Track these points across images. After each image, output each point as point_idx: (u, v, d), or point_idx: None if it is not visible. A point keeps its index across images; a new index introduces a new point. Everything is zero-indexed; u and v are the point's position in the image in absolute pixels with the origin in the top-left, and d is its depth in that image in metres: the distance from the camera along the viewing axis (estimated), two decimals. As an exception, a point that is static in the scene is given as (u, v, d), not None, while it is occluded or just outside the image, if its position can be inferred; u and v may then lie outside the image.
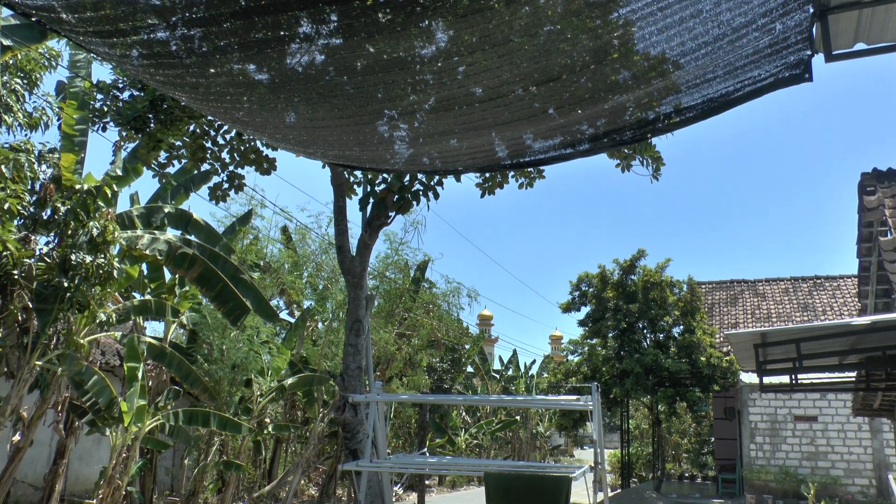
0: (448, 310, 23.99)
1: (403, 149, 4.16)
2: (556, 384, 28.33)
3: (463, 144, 4.10)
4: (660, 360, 24.45)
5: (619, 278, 28.69)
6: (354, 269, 8.63)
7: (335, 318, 19.46)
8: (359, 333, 8.51)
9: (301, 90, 3.57)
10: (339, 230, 8.89)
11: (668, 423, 33.74)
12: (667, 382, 25.61)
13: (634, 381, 24.87)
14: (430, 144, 4.11)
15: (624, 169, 7.84)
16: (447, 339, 25.76)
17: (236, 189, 8.54)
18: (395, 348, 20.41)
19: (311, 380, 16.47)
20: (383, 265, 21.67)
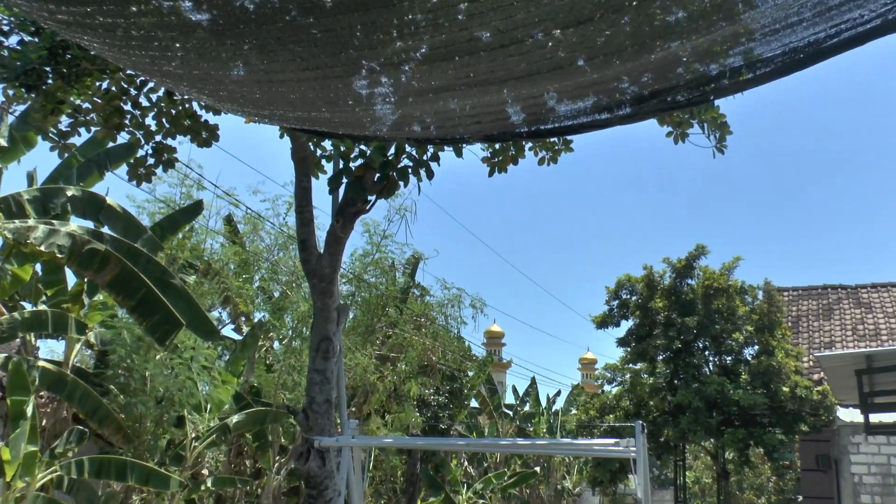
0: (446, 324, 24.10)
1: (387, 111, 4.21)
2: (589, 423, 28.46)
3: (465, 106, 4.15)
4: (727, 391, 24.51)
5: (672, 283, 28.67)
6: (322, 270, 8.69)
7: (296, 336, 19.57)
8: (327, 356, 8.57)
9: (253, 34, 3.61)
10: (301, 219, 8.94)
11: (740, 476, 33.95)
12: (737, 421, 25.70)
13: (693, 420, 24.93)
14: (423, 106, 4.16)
15: (678, 139, 7.89)
16: (444, 364, 25.85)
17: (165, 166, 8.59)
18: (375, 376, 20.54)
19: (265, 417, 16.56)
20: (361, 265, 21.80)
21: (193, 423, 16.00)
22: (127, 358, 14.74)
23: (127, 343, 14.58)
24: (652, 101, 3.71)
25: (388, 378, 21.53)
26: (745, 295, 26.94)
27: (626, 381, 27.51)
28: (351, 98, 4.09)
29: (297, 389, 18.72)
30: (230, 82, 4.18)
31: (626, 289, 28.45)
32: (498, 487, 31.86)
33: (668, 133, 7.90)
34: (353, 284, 21.90)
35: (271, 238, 20.54)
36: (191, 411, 15.62)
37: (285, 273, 20.38)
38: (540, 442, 7.26)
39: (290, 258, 20.29)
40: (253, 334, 18.42)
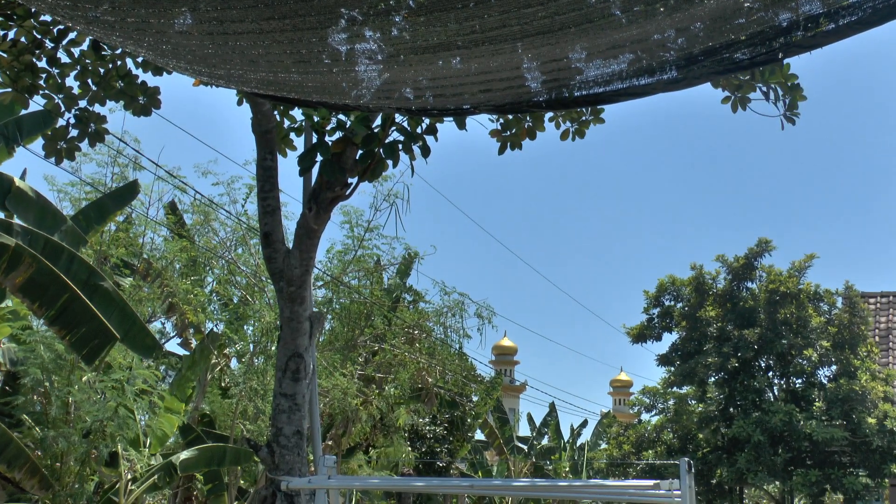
0: (445, 338, 24.11)
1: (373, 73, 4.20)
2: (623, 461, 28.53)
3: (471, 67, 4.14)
4: (796, 423, 24.55)
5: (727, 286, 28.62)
6: (291, 270, 8.70)
7: (259, 352, 19.63)
8: (298, 377, 8.58)
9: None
10: (265, 207, 8.95)
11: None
12: (808, 460, 25.78)
13: (753, 457, 24.95)
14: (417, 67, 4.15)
15: (737, 106, 7.88)
16: (443, 387, 25.91)
17: (91, 139, 8.58)
18: (358, 401, 20.60)
19: (220, 454, 16.61)
20: (340, 265, 21.85)
21: (129, 462, 16.03)
22: (44, 381, 14.73)
23: (44, 362, 14.57)
24: (705, 61, 3.69)
25: (373, 404, 21.57)
26: (821, 302, 27.01)
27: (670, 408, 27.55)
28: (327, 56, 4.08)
29: (259, 419, 18.74)
30: (174, 33, 4.17)
31: (669, 294, 28.47)
32: (510, 541, 32.00)
33: (725, 99, 7.89)
34: (330, 288, 21.93)
35: (227, 231, 20.57)
36: (126, 447, 15.66)
37: (245, 274, 20.39)
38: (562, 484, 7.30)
39: (252, 255, 20.30)
40: (204, 350, 18.44)
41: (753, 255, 27.72)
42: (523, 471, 36.52)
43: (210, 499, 18.52)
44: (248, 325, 19.75)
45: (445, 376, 25.67)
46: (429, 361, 23.90)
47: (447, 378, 25.90)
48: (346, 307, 21.99)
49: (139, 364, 15.19)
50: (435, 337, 24.32)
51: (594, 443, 42.68)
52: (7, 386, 15.40)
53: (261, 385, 18.44)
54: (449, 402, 27.53)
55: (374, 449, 24.18)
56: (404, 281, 25.06)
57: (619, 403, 73.35)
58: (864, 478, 24.84)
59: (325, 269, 21.80)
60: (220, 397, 19.91)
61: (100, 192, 17.71)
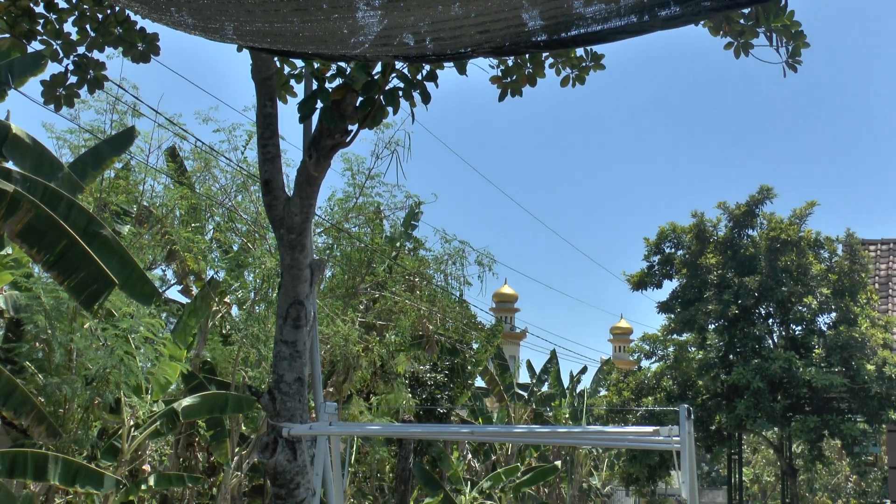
0: (445, 286, 24.25)
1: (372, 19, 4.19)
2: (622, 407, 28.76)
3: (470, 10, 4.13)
4: (795, 370, 24.67)
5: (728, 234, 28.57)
6: (291, 218, 8.72)
7: (260, 299, 19.77)
8: (298, 324, 8.65)
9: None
10: (265, 154, 8.94)
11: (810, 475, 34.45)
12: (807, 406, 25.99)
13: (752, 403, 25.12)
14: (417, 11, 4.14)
15: (739, 52, 7.84)
16: (443, 334, 26.08)
17: (90, 86, 8.55)
18: (359, 348, 20.78)
19: (221, 401, 16.79)
20: (340, 212, 21.89)
21: (132, 409, 16.20)
22: (46, 328, 14.83)
23: (45, 309, 14.65)
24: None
25: (373, 351, 21.74)
26: (821, 249, 27.04)
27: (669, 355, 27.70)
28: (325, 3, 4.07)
29: (261, 366, 18.92)
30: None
31: (670, 241, 28.47)
32: (509, 485, 32.14)
33: (727, 45, 7.85)
34: (331, 235, 22.01)
35: (227, 178, 20.57)
36: (129, 393, 15.80)
37: (245, 221, 20.43)
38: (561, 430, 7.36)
39: (252, 202, 20.32)
40: (205, 297, 18.55)
41: (754, 202, 27.71)
42: (523, 417, 36.89)
43: (212, 445, 18.74)
44: (248, 273, 19.84)
45: (446, 324, 25.83)
46: (429, 309, 24.04)
47: (448, 325, 26.07)
48: (346, 254, 22.09)
49: (142, 312, 15.26)
50: (435, 284, 24.46)
51: (594, 390, 43.04)
52: (10, 333, 15.51)
53: (262, 332, 18.57)
54: (449, 350, 27.70)
55: (375, 396, 24.40)
56: (406, 228, 25.13)
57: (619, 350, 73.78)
58: (862, 423, 25.07)
59: (325, 217, 21.85)
60: (222, 344, 20.07)
61: (99, 140, 17.67)
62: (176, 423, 16.28)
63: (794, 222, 27.14)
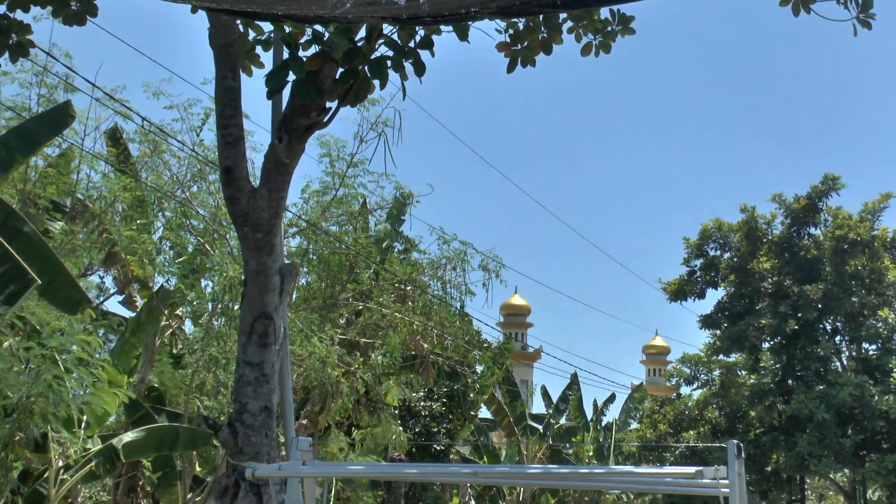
0: (444, 295, 24.20)
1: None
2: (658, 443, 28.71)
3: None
4: (869, 398, 24.63)
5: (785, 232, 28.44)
6: (258, 214, 8.80)
7: (220, 313, 19.77)
8: (266, 341, 8.72)
9: None
10: (225, 137, 9.00)
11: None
12: (884, 442, 25.90)
13: (816, 439, 25.06)
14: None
15: (799, 8, 7.72)
16: (442, 355, 26.05)
17: (13, 53, 8.55)
18: (339, 372, 20.74)
19: (171, 436, 16.80)
20: (317, 206, 21.91)
21: (61, 446, 16.14)
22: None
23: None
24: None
25: (357, 375, 21.74)
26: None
27: (715, 380, 27.69)
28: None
29: (219, 393, 18.95)
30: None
31: (714, 242, 28.46)
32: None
33: (784, 0, 7.73)
34: (306, 235, 22.03)
35: (180, 165, 20.60)
36: (58, 427, 15.73)
37: (202, 218, 20.46)
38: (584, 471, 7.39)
39: (210, 195, 20.34)
40: (152, 310, 18.58)
41: (817, 194, 27.76)
42: (538, 455, 36.87)
43: (160, 490, 18.70)
44: (205, 280, 19.90)
45: (444, 341, 25.76)
46: (424, 324, 24.00)
47: (446, 344, 25.99)
48: (324, 258, 22.10)
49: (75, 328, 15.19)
50: (431, 294, 24.45)
51: (623, 422, 42.88)
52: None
53: (221, 352, 18.55)
54: (448, 373, 27.71)
55: (358, 429, 24.40)
56: (395, 227, 25.17)
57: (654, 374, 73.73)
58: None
59: (299, 213, 21.89)
60: (172, 367, 20.03)
61: (23, 118, 17.67)
62: (115, 464, 16.27)
63: (865, 218, 27.19)
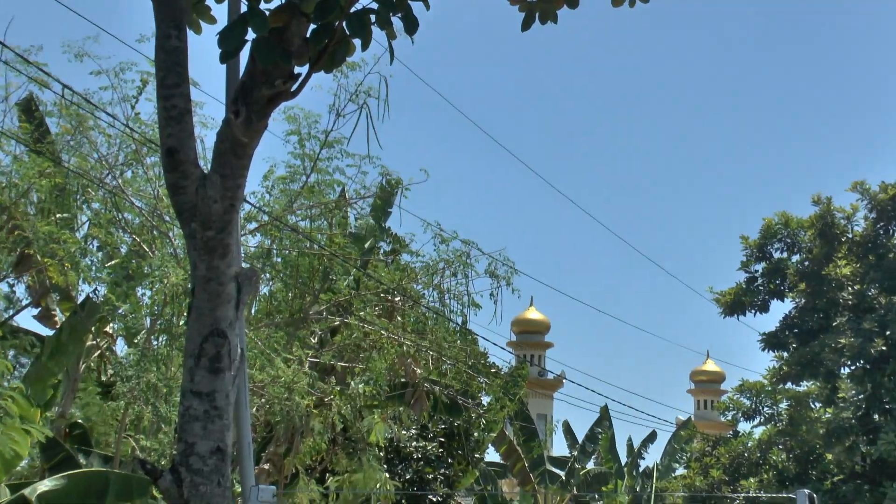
0: (443, 308, 24.03)
1: None
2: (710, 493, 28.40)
3: None
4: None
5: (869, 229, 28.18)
6: (209, 206, 8.64)
7: (160, 330, 19.79)
8: (218, 366, 8.57)
9: None
10: (168, 110, 8.85)
11: None
12: None
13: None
14: None
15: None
16: (438, 382, 25.88)
17: None
18: (309, 402, 20.62)
19: (99, 483, 16.67)
20: (283, 197, 21.73)
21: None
22: None
23: None
24: None
25: (332, 407, 21.63)
26: None
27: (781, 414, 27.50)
28: None
29: (160, 430, 18.81)
30: None
31: (780, 241, 28.26)
32: None
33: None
34: (269, 233, 21.91)
35: (111, 145, 20.46)
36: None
37: (138, 211, 20.34)
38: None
39: (149, 182, 20.23)
40: (76, 327, 18.45)
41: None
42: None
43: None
44: (142, 289, 19.76)
45: (442, 366, 25.68)
46: (417, 344, 23.91)
47: (444, 369, 25.92)
48: (291, 261, 22.04)
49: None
50: (426, 307, 24.34)
51: (666, 466, 42.78)
52: None
53: (162, 379, 18.47)
54: (447, 406, 27.57)
55: (334, 475, 24.31)
56: (381, 222, 25.02)
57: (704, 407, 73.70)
58: None
59: (260, 204, 21.76)
60: (100, 399, 19.92)
61: None
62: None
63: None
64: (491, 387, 28.56)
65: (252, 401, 19.45)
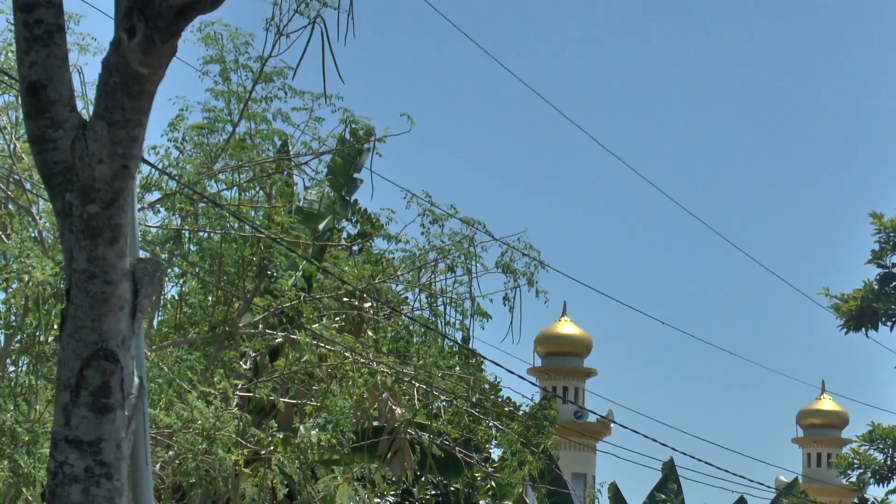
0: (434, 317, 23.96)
1: None
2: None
3: None
4: None
5: None
6: (90, 169, 8.71)
7: (19, 349, 20.05)
8: (107, 404, 8.65)
9: None
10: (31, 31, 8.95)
11: None
12: None
13: None
14: None
15: None
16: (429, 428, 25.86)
17: None
18: (238, 457, 20.59)
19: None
20: (198, 155, 21.56)
21: None
22: None
23: None
24: None
25: (272, 465, 21.74)
26: None
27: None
28: None
29: (22, 497, 18.94)
30: None
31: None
32: None
33: None
34: (176, 210, 21.94)
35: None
36: None
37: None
38: None
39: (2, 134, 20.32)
40: None
41: None
42: None
43: None
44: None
45: (432, 403, 25.71)
46: (396, 371, 23.93)
47: (436, 407, 25.97)
48: (212, 249, 22.02)
49: None
50: (409, 316, 24.41)
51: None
52: None
53: (22, 422, 18.59)
54: (440, 461, 27.68)
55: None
56: (344, 193, 25.11)
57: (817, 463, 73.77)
58: None
59: (165, 166, 21.77)
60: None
61: None
62: None
63: None
64: (505, 434, 28.61)
65: (156, 454, 19.57)
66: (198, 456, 19.85)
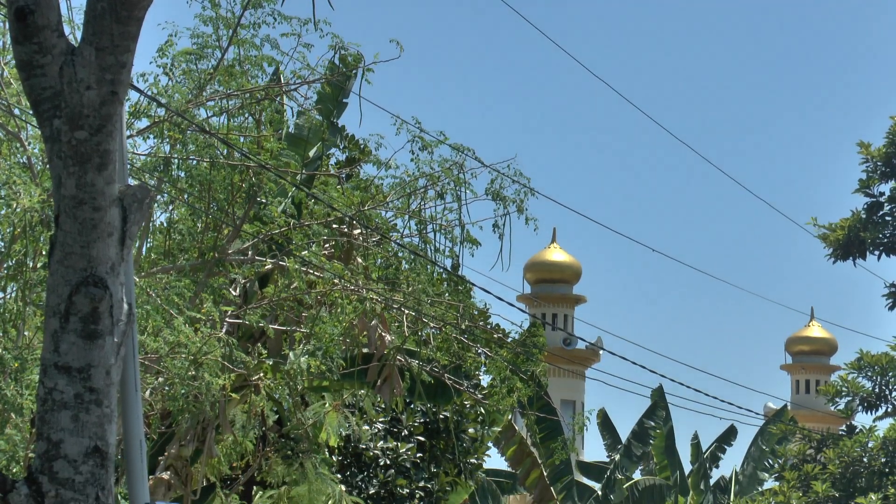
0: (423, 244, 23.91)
1: None
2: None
3: None
4: None
5: None
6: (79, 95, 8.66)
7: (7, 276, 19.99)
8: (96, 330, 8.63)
9: None
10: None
11: None
12: None
13: None
14: None
15: None
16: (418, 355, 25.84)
17: None
18: (227, 382, 20.59)
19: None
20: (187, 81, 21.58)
21: None
22: None
23: None
24: None
25: (262, 390, 21.70)
26: None
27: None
28: None
29: (10, 422, 18.93)
30: None
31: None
32: None
33: None
34: (167, 135, 21.86)
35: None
36: None
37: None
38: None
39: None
40: None
41: None
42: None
43: None
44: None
45: (422, 330, 25.68)
46: (386, 298, 23.92)
47: (425, 334, 25.93)
48: (201, 176, 21.95)
49: None
50: (399, 243, 24.36)
51: (750, 476, 42.98)
52: None
53: (11, 349, 18.56)
54: (430, 388, 27.62)
55: (265, 489, 24.44)
56: (333, 119, 24.99)
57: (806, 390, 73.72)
58: None
59: (154, 93, 21.69)
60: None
61: None
62: None
63: None
64: (494, 361, 28.57)
65: (145, 380, 19.58)
66: (186, 382, 19.82)
